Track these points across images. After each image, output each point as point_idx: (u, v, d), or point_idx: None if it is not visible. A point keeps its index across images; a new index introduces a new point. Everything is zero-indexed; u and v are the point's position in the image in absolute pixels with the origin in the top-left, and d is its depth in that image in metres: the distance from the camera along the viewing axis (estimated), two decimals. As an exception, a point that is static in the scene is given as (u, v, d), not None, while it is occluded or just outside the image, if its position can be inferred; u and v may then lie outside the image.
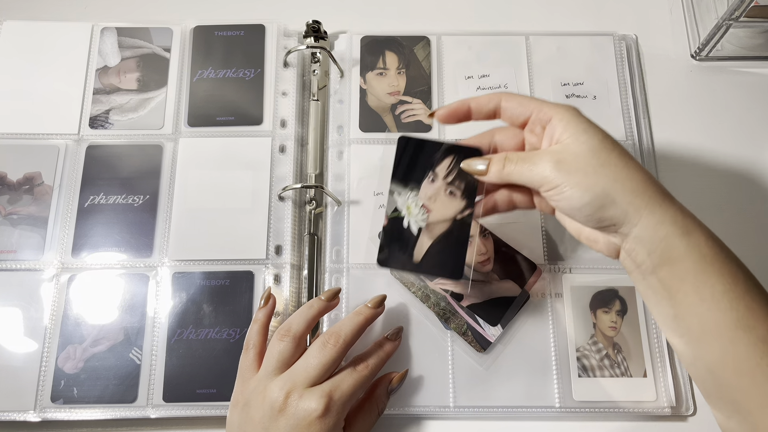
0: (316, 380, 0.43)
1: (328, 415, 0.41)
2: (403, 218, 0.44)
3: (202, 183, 0.57)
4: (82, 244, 0.55)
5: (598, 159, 0.37)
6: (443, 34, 0.63)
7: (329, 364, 0.43)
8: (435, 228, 0.44)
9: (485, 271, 0.52)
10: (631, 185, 0.37)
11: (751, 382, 0.34)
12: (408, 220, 0.44)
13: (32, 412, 0.50)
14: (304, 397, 0.41)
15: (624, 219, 0.37)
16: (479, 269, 0.52)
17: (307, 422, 0.41)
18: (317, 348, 0.44)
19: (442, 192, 0.44)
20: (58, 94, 0.60)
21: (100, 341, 0.52)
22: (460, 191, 0.44)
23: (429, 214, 0.44)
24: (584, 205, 0.37)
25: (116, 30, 0.63)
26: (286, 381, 0.42)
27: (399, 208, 0.44)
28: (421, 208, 0.44)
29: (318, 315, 0.47)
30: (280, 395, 0.41)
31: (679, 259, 0.36)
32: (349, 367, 0.45)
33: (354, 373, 0.44)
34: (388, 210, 0.44)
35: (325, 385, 0.42)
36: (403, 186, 0.45)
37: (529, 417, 0.50)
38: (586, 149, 0.38)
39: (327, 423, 0.41)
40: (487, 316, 0.51)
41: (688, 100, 0.62)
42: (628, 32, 0.64)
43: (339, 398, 0.42)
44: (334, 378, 0.43)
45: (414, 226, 0.44)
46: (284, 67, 0.62)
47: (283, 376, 0.43)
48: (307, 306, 0.47)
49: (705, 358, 0.36)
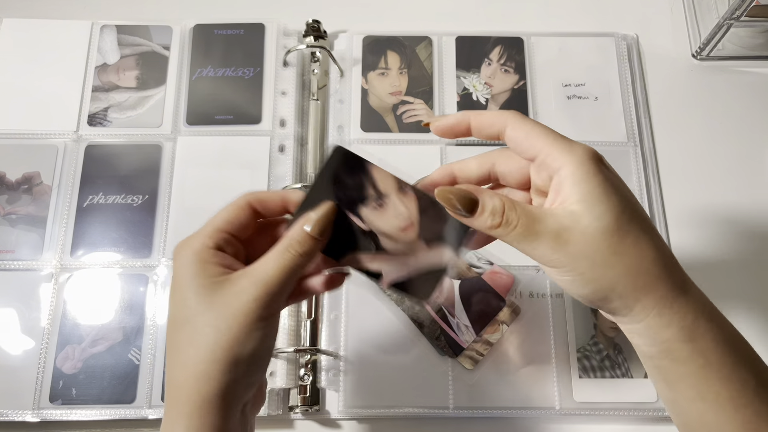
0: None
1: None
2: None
3: (200, 182, 0.57)
4: (80, 244, 0.55)
5: (609, 245, 0.31)
6: (445, 34, 0.63)
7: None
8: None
9: (407, 241, 0.36)
10: (643, 281, 0.31)
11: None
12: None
13: (30, 413, 0.50)
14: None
15: (627, 313, 0.32)
16: (400, 238, 0.36)
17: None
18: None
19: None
20: (57, 91, 0.60)
21: (99, 341, 0.52)
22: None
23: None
24: (584, 296, 0.33)
25: (116, 28, 0.62)
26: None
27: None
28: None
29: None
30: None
31: (681, 362, 0.32)
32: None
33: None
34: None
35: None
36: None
37: (529, 418, 0.50)
38: (598, 230, 0.31)
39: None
40: (416, 291, 0.36)
41: (689, 100, 0.62)
42: (629, 32, 0.64)
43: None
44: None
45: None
46: (284, 66, 0.61)
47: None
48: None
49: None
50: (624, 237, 0.31)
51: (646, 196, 0.57)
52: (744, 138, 0.60)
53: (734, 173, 0.59)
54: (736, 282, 0.55)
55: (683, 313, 0.32)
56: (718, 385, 0.32)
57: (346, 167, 0.36)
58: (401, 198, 0.35)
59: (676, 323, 0.32)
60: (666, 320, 0.32)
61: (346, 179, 0.35)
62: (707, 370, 0.32)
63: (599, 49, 0.62)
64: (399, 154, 0.58)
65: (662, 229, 0.56)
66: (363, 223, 0.36)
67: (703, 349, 0.32)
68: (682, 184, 0.58)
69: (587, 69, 0.62)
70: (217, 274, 0.33)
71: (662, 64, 0.64)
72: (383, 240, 0.36)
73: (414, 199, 0.35)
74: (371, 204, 0.36)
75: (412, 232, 0.35)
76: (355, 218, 0.36)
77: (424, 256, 0.35)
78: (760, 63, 0.63)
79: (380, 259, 0.36)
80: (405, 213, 0.36)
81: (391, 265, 0.36)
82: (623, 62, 0.62)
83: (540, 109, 0.60)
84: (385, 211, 0.35)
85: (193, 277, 0.33)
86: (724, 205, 0.58)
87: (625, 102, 0.60)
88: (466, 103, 0.60)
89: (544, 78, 0.61)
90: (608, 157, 0.34)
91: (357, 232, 0.36)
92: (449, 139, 0.58)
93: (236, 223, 0.35)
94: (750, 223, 0.57)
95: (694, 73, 0.63)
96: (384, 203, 0.35)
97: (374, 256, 0.36)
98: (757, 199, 0.58)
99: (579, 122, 0.59)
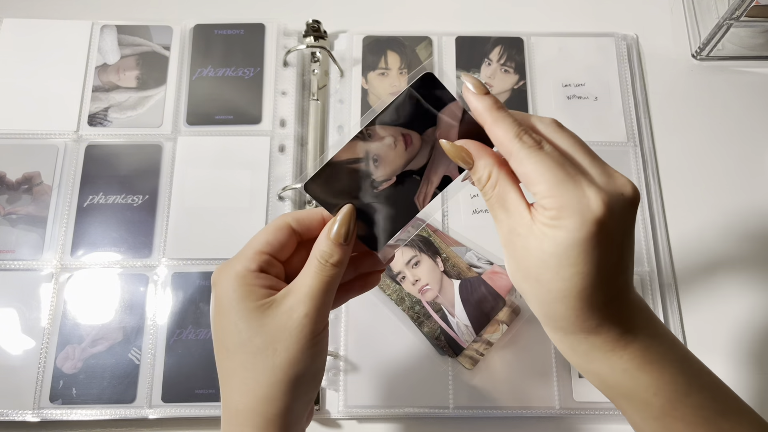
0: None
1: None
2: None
3: (200, 182, 0.57)
4: (81, 244, 0.55)
5: (558, 263, 0.29)
6: (445, 34, 0.63)
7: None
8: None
9: (419, 145, 0.35)
10: (574, 338, 0.32)
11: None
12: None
13: (31, 412, 0.50)
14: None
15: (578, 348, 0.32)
16: (412, 153, 0.35)
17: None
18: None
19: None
20: (57, 91, 0.60)
21: (99, 341, 0.52)
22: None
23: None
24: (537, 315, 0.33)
25: (116, 28, 0.62)
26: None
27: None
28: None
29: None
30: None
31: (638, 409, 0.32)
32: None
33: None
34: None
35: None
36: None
37: (529, 418, 0.50)
38: (549, 248, 0.29)
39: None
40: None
41: (689, 100, 0.62)
42: (629, 32, 0.64)
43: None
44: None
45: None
46: (284, 67, 0.61)
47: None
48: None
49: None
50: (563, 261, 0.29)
51: (646, 196, 0.57)
52: (744, 138, 0.60)
53: (734, 173, 0.59)
54: (736, 282, 0.55)
55: (623, 362, 0.31)
56: (678, 424, 0.31)
57: (329, 183, 0.34)
58: (376, 139, 0.34)
59: (620, 368, 0.31)
60: (608, 368, 0.31)
61: (341, 186, 0.35)
62: (664, 417, 0.31)
63: (599, 49, 0.62)
64: (399, 154, 0.58)
65: (662, 229, 0.56)
66: (389, 180, 0.35)
67: (643, 401, 0.31)
68: (682, 184, 0.58)
69: (587, 69, 0.62)
70: (263, 296, 0.33)
71: (662, 64, 0.64)
72: (413, 165, 0.35)
73: (381, 127, 0.34)
74: (372, 168, 0.35)
75: (413, 138, 0.35)
76: (383, 186, 0.35)
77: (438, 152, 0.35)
78: (760, 63, 0.63)
79: (432, 173, 0.35)
80: (391, 138, 0.34)
81: (441, 164, 0.35)
82: (623, 62, 0.62)
83: (540, 109, 0.60)
84: (383, 156, 0.35)
85: (240, 301, 0.32)
86: (724, 205, 0.58)
87: (625, 102, 0.60)
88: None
89: (544, 78, 0.61)
90: (608, 157, 0.33)
91: (398, 193, 0.35)
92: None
93: (276, 244, 0.35)
94: (750, 223, 0.57)
95: (694, 73, 0.63)
96: (376, 155, 0.35)
97: (427, 178, 0.35)
98: (757, 199, 0.58)
99: (579, 122, 0.59)
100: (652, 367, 0.31)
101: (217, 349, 0.34)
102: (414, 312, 0.52)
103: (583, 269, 0.29)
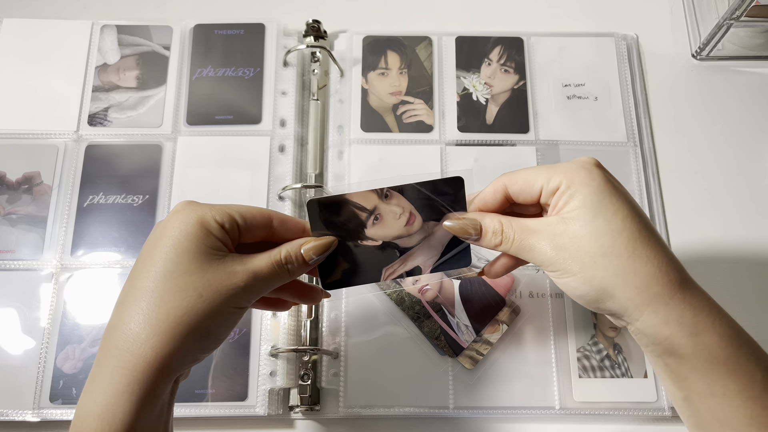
0: None
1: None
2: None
3: (200, 182, 0.57)
4: (81, 244, 0.55)
5: (600, 247, 0.33)
6: (445, 34, 0.63)
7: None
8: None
9: (417, 229, 0.39)
10: (634, 280, 0.32)
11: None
12: None
13: (31, 412, 0.50)
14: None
15: (623, 313, 0.34)
16: (411, 231, 0.39)
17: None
18: None
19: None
20: (57, 91, 0.60)
21: (99, 341, 0.51)
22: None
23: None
24: (580, 297, 0.34)
25: (116, 28, 0.62)
26: None
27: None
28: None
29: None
30: None
31: (687, 358, 0.33)
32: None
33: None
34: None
35: None
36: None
37: (529, 418, 0.50)
38: (589, 233, 0.33)
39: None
40: (456, 262, 0.40)
41: (689, 100, 0.62)
42: (629, 32, 0.64)
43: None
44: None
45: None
46: (284, 67, 0.61)
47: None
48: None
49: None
50: (615, 239, 0.33)
51: (646, 196, 0.57)
52: (744, 138, 0.60)
53: (734, 173, 0.59)
54: (736, 282, 0.55)
55: (681, 310, 0.32)
56: (725, 379, 0.32)
57: (329, 212, 0.37)
58: (389, 202, 0.38)
59: (675, 319, 0.32)
60: (662, 317, 0.32)
61: (336, 220, 0.37)
62: (713, 364, 0.32)
63: (599, 49, 0.62)
64: (399, 154, 0.58)
65: (662, 229, 0.56)
66: (375, 241, 0.38)
67: (708, 343, 0.32)
68: (682, 184, 0.58)
69: (587, 69, 0.62)
70: (215, 247, 0.34)
71: (662, 64, 0.64)
72: (401, 242, 0.38)
73: (399, 195, 0.38)
74: (370, 223, 0.38)
75: (416, 220, 0.39)
76: (368, 242, 0.38)
77: (440, 230, 0.38)
78: (759, 63, 0.63)
79: (410, 257, 0.39)
80: (399, 209, 0.38)
81: (422, 255, 0.39)
82: (623, 62, 0.62)
83: (540, 109, 0.60)
84: (385, 219, 0.38)
85: (194, 239, 0.33)
86: (723, 205, 0.58)
87: (625, 102, 0.60)
88: (466, 103, 0.60)
89: (544, 78, 0.61)
90: (608, 157, 0.35)
91: (374, 255, 0.38)
92: (449, 139, 0.59)
93: (250, 220, 0.36)
94: (750, 222, 0.57)
95: (694, 73, 0.63)
96: (379, 215, 0.38)
97: (404, 259, 0.39)
98: (757, 198, 0.58)
99: (579, 122, 0.59)
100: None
101: (140, 266, 0.34)
102: (414, 312, 0.52)
103: (622, 207, 0.33)
